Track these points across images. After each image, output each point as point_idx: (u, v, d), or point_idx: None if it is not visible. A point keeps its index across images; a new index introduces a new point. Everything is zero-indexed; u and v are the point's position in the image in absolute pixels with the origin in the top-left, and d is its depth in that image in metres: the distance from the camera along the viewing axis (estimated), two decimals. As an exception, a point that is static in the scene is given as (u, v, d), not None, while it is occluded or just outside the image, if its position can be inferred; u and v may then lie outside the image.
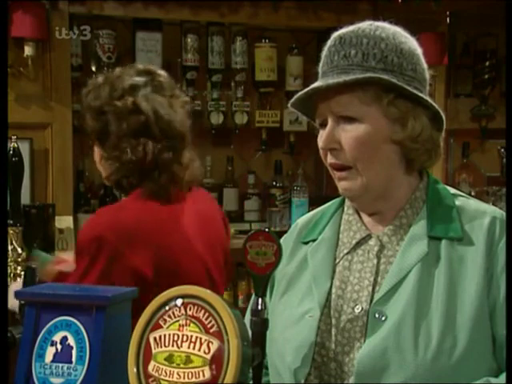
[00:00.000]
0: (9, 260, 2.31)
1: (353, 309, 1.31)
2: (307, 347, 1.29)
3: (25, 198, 2.94)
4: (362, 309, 1.30)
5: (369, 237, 1.36)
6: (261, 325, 1.27)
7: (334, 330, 1.31)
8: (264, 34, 3.54)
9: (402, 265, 1.29)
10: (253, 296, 1.29)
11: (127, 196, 1.83)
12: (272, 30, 3.57)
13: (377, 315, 1.26)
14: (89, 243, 1.67)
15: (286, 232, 3.87)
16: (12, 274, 2.28)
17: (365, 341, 1.26)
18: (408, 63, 1.31)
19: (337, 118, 1.31)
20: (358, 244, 1.36)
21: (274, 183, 3.55)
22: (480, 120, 3.61)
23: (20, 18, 2.96)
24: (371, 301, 1.29)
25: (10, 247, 2.32)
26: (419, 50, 1.36)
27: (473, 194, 3.55)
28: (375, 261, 1.33)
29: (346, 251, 1.37)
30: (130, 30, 3.34)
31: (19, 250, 2.33)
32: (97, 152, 1.86)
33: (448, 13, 3.55)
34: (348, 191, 1.34)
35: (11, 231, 2.31)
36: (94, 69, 3.24)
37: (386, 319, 1.25)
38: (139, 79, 1.82)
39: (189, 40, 3.39)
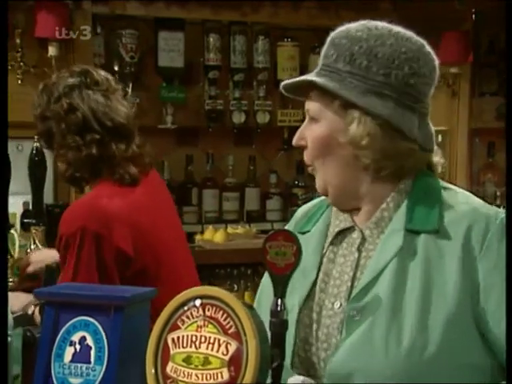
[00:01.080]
0: (32, 259, 2.33)
1: (333, 304, 1.30)
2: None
3: (48, 197, 2.96)
4: (341, 305, 1.29)
5: (353, 229, 1.35)
6: (280, 326, 1.26)
7: (315, 325, 1.31)
8: (286, 33, 3.53)
9: (378, 260, 1.28)
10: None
11: (83, 191, 2.02)
12: (294, 29, 3.56)
13: (351, 313, 1.26)
14: (73, 235, 1.82)
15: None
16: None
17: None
18: (380, 68, 1.26)
19: (309, 116, 1.34)
20: (343, 236, 1.35)
21: (296, 182, 3.54)
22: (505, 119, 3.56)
23: (44, 19, 2.98)
24: (349, 297, 1.29)
25: (32, 246, 2.33)
26: (416, 55, 1.28)
27: (498, 194, 3.51)
28: (356, 254, 1.32)
29: (329, 240, 1.36)
30: (152, 29, 3.35)
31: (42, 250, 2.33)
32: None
33: (473, 10, 3.51)
34: (317, 187, 1.37)
35: (34, 230, 2.33)
36: (116, 68, 3.26)
37: (360, 318, 1.25)
38: (73, 80, 1.96)
39: (211, 39, 3.39)
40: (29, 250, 2.33)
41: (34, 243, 2.33)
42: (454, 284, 1.22)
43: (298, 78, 1.37)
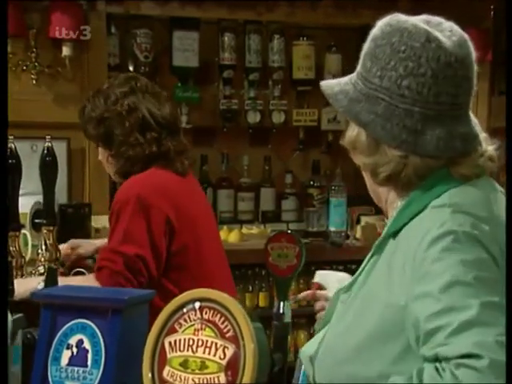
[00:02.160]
0: (42, 260, 2.31)
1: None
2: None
3: (62, 197, 2.96)
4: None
5: None
6: (282, 329, 1.25)
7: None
8: (302, 32, 3.50)
9: (366, 260, 1.29)
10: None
11: None
12: (310, 27, 3.52)
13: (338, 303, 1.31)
14: (128, 201, 1.97)
15: (323, 232, 3.83)
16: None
17: None
18: (378, 69, 1.20)
19: None
20: None
21: (312, 183, 3.50)
22: (525, 118, 3.50)
23: (58, 19, 2.98)
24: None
25: (43, 247, 2.32)
26: (417, 52, 1.19)
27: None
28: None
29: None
30: (167, 29, 3.34)
31: (53, 250, 2.32)
32: (102, 153, 2.18)
33: (492, 8, 3.46)
34: None
35: (45, 231, 2.31)
36: (131, 68, 3.26)
37: (338, 309, 1.30)
38: (126, 86, 2.10)
39: (226, 39, 3.37)
40: (40, 251, 2.32)
41: (45, 243, 2.32)
42: (389, 294, 1.18)
43: (320, 83, 1.33)
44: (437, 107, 1.19)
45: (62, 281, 1.87)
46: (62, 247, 2.37)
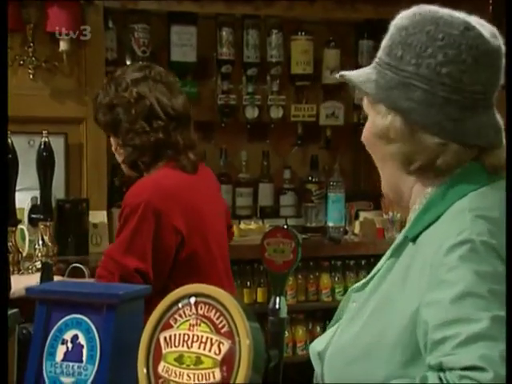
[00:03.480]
0: (40, 255, 2.31)
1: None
2: None
3: (59, 192, 2.96)
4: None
5: None
6: (278, 324, 1.23)
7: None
8: (300, 27, 3.49)
9: (381, 260, 1.28)
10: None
11: (142, 175, 2.09)
12: (308, 22, 3.51)
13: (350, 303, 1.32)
14: (137, 206, 1.93)
15: (321, 228, 3.82)
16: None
17: None
18: (412, 57, 1.19)
19: None
20: None
21: (310, 178, 3.50)
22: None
23: (55, 13, 2.97)
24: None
25: (40, 242, 2.32)
26: (457, 40, 1.18)
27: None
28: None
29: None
30: (164, 23, 3.33)
31: (50, 245, 2.32)
32: (113, 141, 2.14)
33: (491, 2, 3.45)
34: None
35: (42, 226, 2.31)
36: (128, 63, 3.23)
37: (352, 308, 1.30)
38: (139, 73, 2.08)
39: (224, 33, 3.36)
40: (37, 246, 2.32)
41: (42, 238, 2.31)
42: (404, 298, 1.17)
43: (340, 73, 1.31)
44: (473, 96, 1.19)
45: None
46: None
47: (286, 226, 1.28)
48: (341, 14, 3.43)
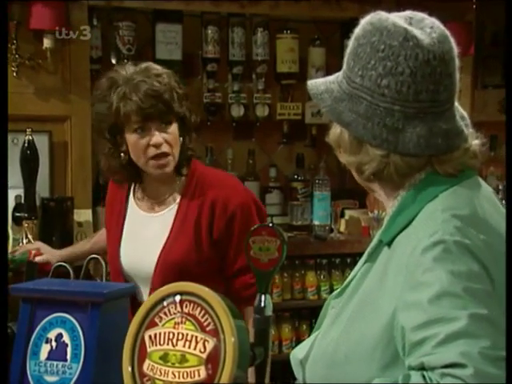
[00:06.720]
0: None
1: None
2: None
3: (44, 190, 2.94)
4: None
5: None
6: (263, 322, 1.24)
7: None
8: (286, 25, 3.49)
9: (358, 264, 1.30)
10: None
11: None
12: (294, 20, 3.51)
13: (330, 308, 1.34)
14: (249, 203, 2.03)
15: (307, 226, 3.82)
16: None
17: None
18: (360, 68, 1.20)
19: None
20: None
21: (296, 176, 3.49)
22: (509, 112, 3.51)
23: (39, 10, 2.95)
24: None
25: (24, 240, 2.31)
26: (396, 51, 1.18)
27: (500, 187, 3.46)
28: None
29: None
30: (149, 21, 3.31)
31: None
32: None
33: (474, 1, 3.46)
34: None
35: (26, 224, 2.30)
36: (113, 61, 3.22)
37: (330, 313, 1.32)
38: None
39: (209, 31, 3.35)
40: (21, 244, 2.31)
41: (27, 237, 2.30)
42: (381, 302, 1.18)
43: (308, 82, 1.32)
44: (417, 105, 1.19)
45: None
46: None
47: (271, 224, 1.29)
48: (326, 13, 3.44)
